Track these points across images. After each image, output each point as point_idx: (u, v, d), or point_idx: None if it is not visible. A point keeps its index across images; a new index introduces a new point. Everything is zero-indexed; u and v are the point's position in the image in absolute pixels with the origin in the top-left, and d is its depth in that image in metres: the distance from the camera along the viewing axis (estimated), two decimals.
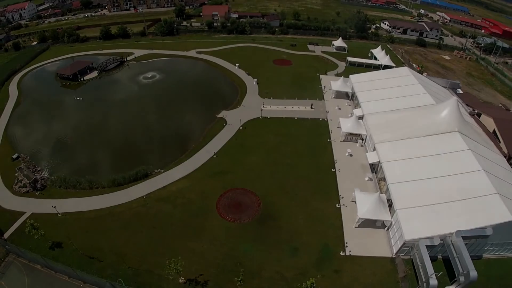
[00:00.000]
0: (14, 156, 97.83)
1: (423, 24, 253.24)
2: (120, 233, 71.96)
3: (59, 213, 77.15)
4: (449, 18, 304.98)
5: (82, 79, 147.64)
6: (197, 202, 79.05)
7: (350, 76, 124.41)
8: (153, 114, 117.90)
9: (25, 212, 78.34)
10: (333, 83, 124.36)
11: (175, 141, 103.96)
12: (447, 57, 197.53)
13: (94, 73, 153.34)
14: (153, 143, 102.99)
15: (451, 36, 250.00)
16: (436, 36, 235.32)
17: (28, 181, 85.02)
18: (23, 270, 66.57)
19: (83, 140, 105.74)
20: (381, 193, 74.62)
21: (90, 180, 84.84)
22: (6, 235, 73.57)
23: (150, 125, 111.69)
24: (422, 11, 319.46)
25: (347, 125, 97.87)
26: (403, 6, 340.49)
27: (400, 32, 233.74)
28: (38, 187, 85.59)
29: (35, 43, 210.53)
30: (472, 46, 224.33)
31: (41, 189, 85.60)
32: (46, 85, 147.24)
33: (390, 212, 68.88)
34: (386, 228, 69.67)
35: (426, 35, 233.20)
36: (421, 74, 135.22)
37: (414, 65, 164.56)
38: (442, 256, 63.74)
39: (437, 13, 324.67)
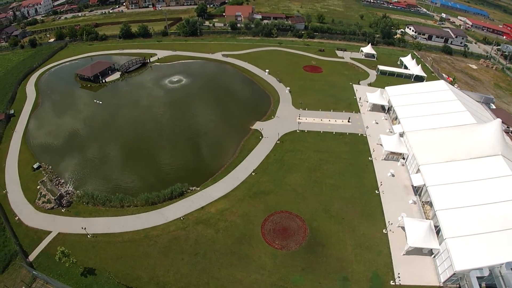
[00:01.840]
0: (35, 166, 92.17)
1: (448, 30, 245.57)
2: (159, 260, 66.42)
3: (88, 234, 71.47)
4: (471, 24, 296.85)
5: (103, 81, 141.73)
6: (240, 226, 73.44)
7: (386, 88, 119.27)
8: (182, 123, 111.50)
9: (51, 232, 72.88)
10: (369, 95, 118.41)
11: (209, 155, 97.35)
12: (474, 66, 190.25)
13: (116, 75, 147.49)
14: (185, 157, 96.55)
15: (475, 43, 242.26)
16: (461, 43, 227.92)
17: (53, 197, 79.12)
18: None
19: (106, 150, 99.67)
20: (426, 217, 74.35)
21: (121, 197, 78.81)
22: (31, 257, 67.97)
23: (180, 136, 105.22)
24: (443, 15, 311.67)
25: (389, 143, 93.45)
26: (424, 10, 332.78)
27: (425, 38, 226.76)
28: (64, 203, 79.59)
29: (52, 40, 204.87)
30: (496, 54, 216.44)
31: (67, 205, 79.66)
32: (65, 86, 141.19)
33: (438, 239, 67.00)
34: (432, 256, 67.59)
35: (451, 41, 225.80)
36: (453, 86, 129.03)
37: (444, 75, 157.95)
38: (486, 284, 61.33)
39: (459, 17, 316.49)
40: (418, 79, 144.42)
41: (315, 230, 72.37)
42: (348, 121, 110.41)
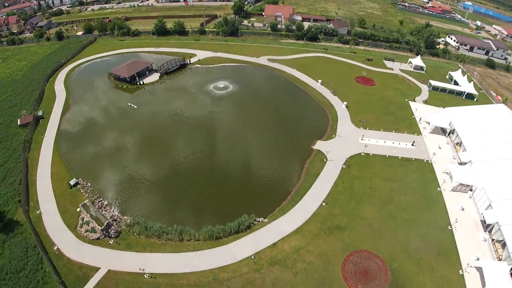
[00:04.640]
0: (72, 183, 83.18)
1: (489, 41, 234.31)
2: None
3: (146, 273, 62.69)
4: (506, 33, 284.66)
5: (140, 83, 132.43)
6: (319, 268, 65.96)
7: (447, 109, 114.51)
8: (237, 138, 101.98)
9: (100, 268, 64.54)
10: (431, 117, 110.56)
11: (273, 179, 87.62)
12: None
13: (154, 76, 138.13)
14: (247, 180, 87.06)
15: None
16: (502, 56, 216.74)
17: (100, 227, 69.76)
18: None
19: (151, 166, 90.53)
20: (497, 256, 71.00)
21: (180, 230, 69.57)
22: None
23: (238, 154, 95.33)
24: (479, 23, 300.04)
25: (459, 174, 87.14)
26: (459, 16, 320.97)
27: (467, 49, 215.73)
28: (112, 233, 70.66)
29: (80, 33, 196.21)
30: None
31: (116, 236, 70.74)
32: (98, 86, 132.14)
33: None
34: None
35: (492, 54, 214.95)
36: None
37: (493, 93, 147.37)
38: None
39: (494, 26, 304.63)
40: (469, 96, 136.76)
41: (396, 272, 66.18)
42: (412, 145, 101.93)
